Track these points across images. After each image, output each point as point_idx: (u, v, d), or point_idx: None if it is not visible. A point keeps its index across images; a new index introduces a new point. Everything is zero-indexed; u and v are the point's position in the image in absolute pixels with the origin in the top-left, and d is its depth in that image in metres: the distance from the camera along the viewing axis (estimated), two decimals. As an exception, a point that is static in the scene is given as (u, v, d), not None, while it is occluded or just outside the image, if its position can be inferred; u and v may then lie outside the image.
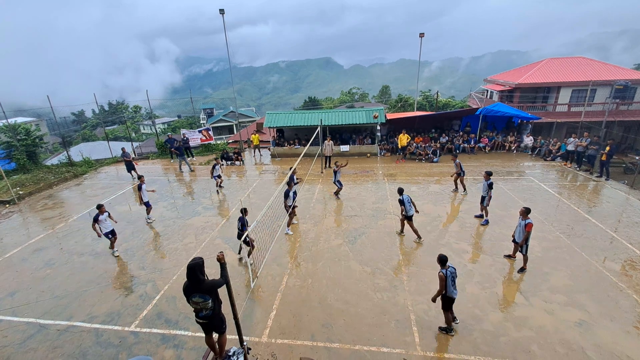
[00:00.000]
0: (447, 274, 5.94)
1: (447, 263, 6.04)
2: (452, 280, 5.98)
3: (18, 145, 19.01)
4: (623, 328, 6.21)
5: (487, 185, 10.07)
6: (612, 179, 14.05)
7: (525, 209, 7.81)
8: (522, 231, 7.73)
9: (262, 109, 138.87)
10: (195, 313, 5.21)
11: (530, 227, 7.57)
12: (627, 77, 25.63)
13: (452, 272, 6.01)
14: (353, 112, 20.69)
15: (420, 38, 26.03)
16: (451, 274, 5.99)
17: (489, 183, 10.03)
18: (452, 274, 6.01)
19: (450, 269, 6.02)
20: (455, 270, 6.16)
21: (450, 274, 5.98)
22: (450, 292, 6.00)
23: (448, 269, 6.00)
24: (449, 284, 5.94)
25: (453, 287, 6.02)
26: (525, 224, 7.65)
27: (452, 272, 6.02)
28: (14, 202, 14.41)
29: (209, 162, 19.99)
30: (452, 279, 5.99)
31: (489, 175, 10.16)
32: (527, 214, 7.75)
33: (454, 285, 6.03)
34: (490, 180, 10.08)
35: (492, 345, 5.95)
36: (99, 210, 9.27)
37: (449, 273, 5.96)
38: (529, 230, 7.58)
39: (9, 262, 9.67)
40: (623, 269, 7.97)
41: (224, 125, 52.41)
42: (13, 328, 7.00)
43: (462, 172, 12.55)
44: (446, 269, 5.98)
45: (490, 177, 10.15)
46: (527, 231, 7.60)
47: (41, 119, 45.09)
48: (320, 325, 6.61)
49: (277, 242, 9.82)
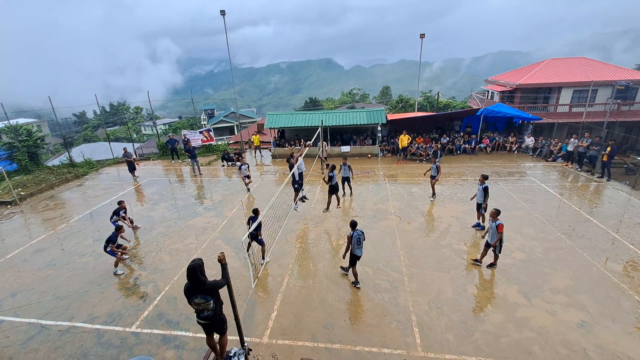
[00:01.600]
0: (354, 235, 7.24)
1: (356, 227, 7.31)
2: (357, 242, 7.29)
3: (20, 146, 19.06)
4: (625, 329, 6.19)
5: (482, 189, 9.69)
6: (614, 180, 14.02)
7: (495, 210, 7.85)
8: (495, 233, 7.74)
9: (263, 110, 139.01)
10: (197, 314, 5.22)
11: (502, 228, 7.61)
12: (629, 77, 25.57)
13: (358, 235, 7.29)
14: (354, 113, 20.70)
15: (421, 39, 26.03)
16: (357, 236, 7.26)
17: (484, 187, 9.64)
18: (358, 237, 7.29)
19: (357, 232, 7.28)
20: (363, 234, 7.40)
21: (357, 236, 7.26)
22: (355, 250, 7.36)
23: (356, 231, 7.27)
24: (354, 243, 7.27)
25: (358, 247, 7.35)
26: (496, 225, 7.66)
27: (359, 235, 7.30)
28: (15, 203, 14.45)
29: (210, 163, 20.03)
30: (357, 240, 7.28)
31: (485, 179, 9.81)
32: (497, 216, 7.77)
33: (359, 247, 7.35)
34: (485, 184, 9.68)
35: (493, 346, 5.94)
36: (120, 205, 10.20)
37: (355, 235, 7.25)
38: (501, 231, 7.62)
39: (10, 262, 9.69)
40: (625, 270, 7.95)
41: (225, 126, 52.52)
42: (15, 328, 7.01)
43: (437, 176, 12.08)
44: (354, 232, 7.26)
45: (485, 180, 9.79)
46: (499, 232, 7.64)
47: (42, 120, 45.22)
48: (321, 326, 6.60)
49: (278, 243, 9.82)
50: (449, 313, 6.77)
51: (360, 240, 7.34)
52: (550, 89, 28.25)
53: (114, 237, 8.90)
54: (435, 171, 12.05)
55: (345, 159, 12.94)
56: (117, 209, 10.62)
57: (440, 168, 12.17)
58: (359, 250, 7.42)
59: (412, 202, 12.42)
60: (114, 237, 8.89)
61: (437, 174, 12.05)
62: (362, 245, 7.41)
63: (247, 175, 14.20)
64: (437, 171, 12.02)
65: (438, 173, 12.04)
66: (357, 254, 7.43)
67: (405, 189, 13.81)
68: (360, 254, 7.47)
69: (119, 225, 9.26)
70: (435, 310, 6.87)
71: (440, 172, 12.10)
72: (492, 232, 7.84)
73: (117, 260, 8.85)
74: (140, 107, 74.02)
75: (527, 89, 28.12)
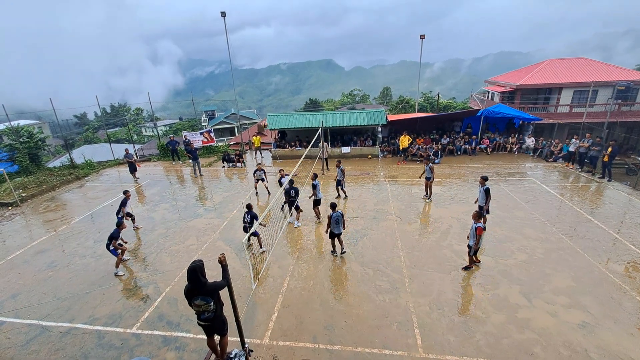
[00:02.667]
0: (333, 216, 8.49)
1: (335, 209, 8.59)
2: (335, 222, 8.52)
3: (21, 147, 19.11)
4: (627, 330, 6.17)
5: (483, 191, 9.58)
6: (615, 180, 13.99)
7: (477, 212, 7.86)
8: (473, 236, 7.69)
9: (264, 111, 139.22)
10: (197, 315, 5.21)
11: (480, 231, 7.56)
12: (629, 77, 25.55)
13: (337, 216, 8.50)
14: (354, 114, 20.71)
15: (421, 40, 26.06)
16: (336, 217, 8.49)
17: (485, 189, 9.55)
18: (337, 217, 8.50)
19: (337, 213, 8.51)
20: (342, 215, 8.67)
21: (336, 216, 8.48)
22: (334, 228, 8.63)
23: (335, 212, 8.50)
24: (332, 222, 8.53)
25: (336, 226, 8.60)
26: (475, 227, 7.62)
27: (337, 216, 8.51)
28: (16, 205, 14.47)
29: (211, 165, 20.04)
30: (336, 220, 8.51)
31: (485, 181, 9.67)
32: (479, 218, 7.72)
33: (337, 225, 8.59)
34: (486, 186, 9.60)
35: (494, 348, 5.93)
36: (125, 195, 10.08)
37: (334, 215, 8.48)
38: (479, 234, 7.57)
39: (11, 264, 9.70)
40: (626, 271, 7.93)
41: (226, 127, 52.63)
42: (16, 330, 7.02)
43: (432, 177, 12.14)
44: (334, 213, 8.50)
45: (486, 182, 9.66)
46: (477, 235, 7.58)
47: (43, 122, 45.31)
48: (321, 327, 6.59)
49: (278, 244, 9.82)
50: (450, 314, 6.76)
51: (338, 220, 8.56)
52: (550, 89, 28.24)
53: (116, 233, 8.79)
54: (430, 172, 12.05)
55: (339, 162, 12.93)
56: (124, 199, 10.71)
57: (434, 169, 12.21)
58: (337, 228, 8.66)
59: (413, 203, 12.41)
60: (116, 233, 8.79)
61: (431, 175, 12.07)
62: (340, 224, 8.64)
63: (262, 178, 13.66)
64: (431, 172, 12.03)
65: (432, 174, 12.07)
66: (335, 231, 8.69)
67: (406, 190, 13.80)
68: (338, 231, 8.70)
69: (120, 221, 9.18)
70: (436, 311, 6.86)
71: (434, 172, 12.14)
72: (472, 234, 7.77)
73: (118, 261, 8.83)
74: (141, 109, 74.16)
75: (528, 89, 28.12)
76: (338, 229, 8.64)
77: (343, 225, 8.80)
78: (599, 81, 24.92)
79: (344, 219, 8.77)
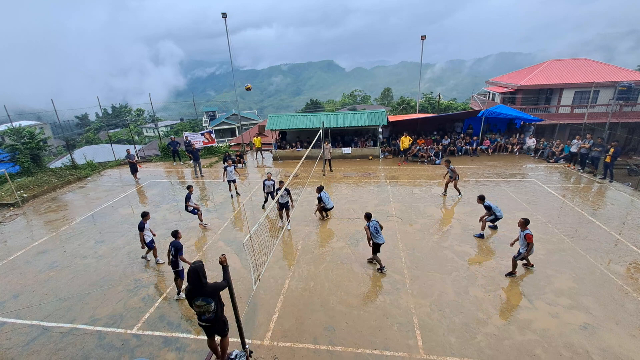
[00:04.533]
0: (371, 226, 7.80)
1: (371, 218, 7.94)
2: (375, 230, 7.83)
3: (22, 148, 19.15)
4: (629, 331, 6.15)
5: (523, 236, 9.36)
6: (616, 181, 13.95)
7: (524, 219, 7.65)
8: (524, 243, 7.58)
9: (264, 112, 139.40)
10: (198, 316, 5.21)
11: (530, 238, 7.42)
12: (631, 78, 25.51)
13: (374, 225, 7.85)
14: (355, 115, 20.71)
15: (422, 40, 26.06)
16: (373, 226, 7.83)
17: (485, 206, 9.67)
18: (375, 226, 7.85)
19: (372, 222, 7.86)
20: (378, 223, 7.97)
21: (373, 226, 7.81)
22: (376, 239, 7.89)
23: (371, 222, 7.85)
24: (372, 233, 7.82)
25: (378, 236, 7.87)
26: (524, 234, 7.52)
27: (375, 225, 7.86)
28: (18, 205, 14.51)
29: (212, 165, 20.06)
30: (375, 229, 7.83)
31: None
32: (526, 225, 7.59)
33: (377, 234, 7.87)
34: (485, 203, 9.70)
35: (496, 349, 5.91)
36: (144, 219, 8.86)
37: (371, 225, 7.81)
38: (530, 241, 7.42)
39: (13, 264, 9.72)
40: (628, 272, 7.90)
41: (227, 128, 52.71)
42: (16, 330, 7.03)
43: (456, 177, 12.41)
44: (369, 222, 7.84)
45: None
46: (528, 242, 7.44)
47: (44, 123, 45.45)
48: (322, 328, 6.58)
49: (279, 245, 9.82)
50: (451, 315, 6.74)
51: (377, 229, 7.90)
52: (551, 90, 28.20)
53: (188, 195, 10.76)
54: (452, 172, 12.31)
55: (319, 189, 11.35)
56: (188, 194, 10.96)
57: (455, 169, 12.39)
58: (380, 238, 7.93)
59: (414, 203, 12.39)
60: (189, 195, 10.77)
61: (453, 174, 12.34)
62: (380, 233, 7.95)
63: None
64: (454, 172, 12.31)
65: (455, 173, 12.33)
66: (378, 241, 7.94)
67: (407, 191, 13.78)
68: (381, 241, 7.98)
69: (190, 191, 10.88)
70: (437, 312, 6.84)
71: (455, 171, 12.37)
72: (521, 241, 7.68)
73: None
74: (142, 109, 74.39)
75: (529, 90, 28.08)
76: (381, 238, 8.01)
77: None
78: (600, 82, 24.89)
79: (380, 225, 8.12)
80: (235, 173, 13.87)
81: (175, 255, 7.32)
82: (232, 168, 13.73)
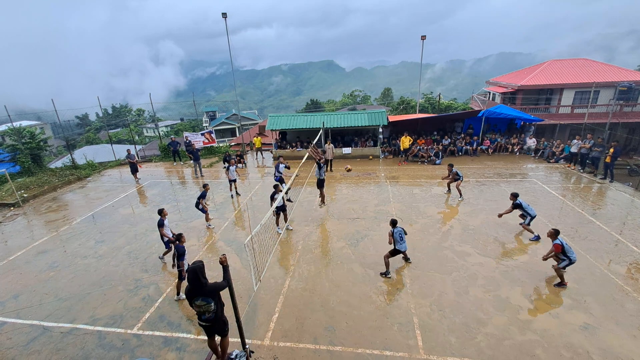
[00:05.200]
0: (395, 232, 7.84)
1: (396, 225, 7.91)
2: (399, 237, 7.84)
3: (23, 148, 19.17)
4: (629, 332, 6.14)
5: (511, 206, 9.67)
6: (617, 181, 13.94)
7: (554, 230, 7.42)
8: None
9: (265, 112, 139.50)
10: (198, 316, 5.22)
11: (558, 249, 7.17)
12: (631, 78, 25.51)
13: (399, 232, 7.87)
14: (355, 115, 20.71)
15: (422, 40, 26.05)
16: (398, 233, 7.85)
17: (514, 204, 9.58)
18: (400, 233, 7.87)
19: (397, 229, 7.85)
20: (403, 230, 7.98)
21: (398, 232, 7.84)
22: (399, 245, 7.89)
23: (396, 229, 7.84)
24: (396, 239, 7.85)
25: (401, 242, 7.87)
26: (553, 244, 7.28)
27: (400, 232, 7.88)
28: (18, 205, 14.52)
29: (212, 165, 20.07)
30: (399, 236, 7.84)
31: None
32: (556, 236, 7.33)
33: (402, 241, 7.87)
34: (517, 201, 9.54)
35: (496, 349, 5.91)
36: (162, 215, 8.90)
37: (396, 232, 7.85)
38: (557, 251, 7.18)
39: (13, 264, 9.72)
40: (628, 272, 7.90)
41: (227, 128, 52.73)
42: (17, 330, 7.03)
43: (460, 177, 12.41)
44: (394, 229, 7.86)
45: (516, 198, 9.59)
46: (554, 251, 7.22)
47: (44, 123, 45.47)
48: (322, 328, 6.58)
49: (279, 245, 9.82)
50: (451, 315, 6.74)
51: (402, 235, 7.91)
52: (552, 90, 28.20)
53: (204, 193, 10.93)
54: (457, 174, 12.31)
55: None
56: (204, 192, 11.11)
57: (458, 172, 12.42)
58: (403, 245, 7.93)
59: (414, 203, 12.39)
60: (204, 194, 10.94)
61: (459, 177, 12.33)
62: (404, 240, 7.94)
63: (234, 179, 13.81)
64: (459, 175, 12.31)
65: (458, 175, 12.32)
66: (400, 248, 7.95)
67: (407, 191, 13.78)
68: (403, 248, 7.98)
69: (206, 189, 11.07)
70: (437, 312, 6.84)
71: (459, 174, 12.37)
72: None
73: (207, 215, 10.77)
74: (142, 109, 74.43)
75: (529, 90, 28.07)
76: (404, 245, 7.98)
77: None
78: (600, 82, 24.88)
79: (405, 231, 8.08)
80: (236, 173, 14.01)
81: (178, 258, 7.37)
82: (234, 167, 13.93)
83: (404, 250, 8.03)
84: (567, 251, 7.17)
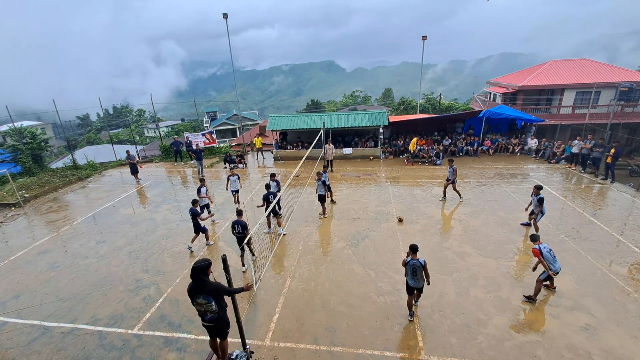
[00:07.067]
0: (408, 263, 6.32)
1: (416, 253, 6.30)
2: (412, 272, 6.32)
3: (24, 148, 19.21)
4: (630, 333, 6.13)
5: (536, 200, 9.40)
6: (618, 182, 13.91)
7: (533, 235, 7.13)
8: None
9: (265, 112, 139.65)
10: (201, 316, 5.22)
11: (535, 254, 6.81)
12: (632, 79, 25.46)
13: (414, 264, 6.26)
14: (356, 115, 20.72)
15: (423, 41, 26.05)
16: (412, 265, 6.27)
17: (539, 198, 9.30)
18: (414, 266, 6.26)
19: (417, 260, 6.25)
20: (422, 265, 6.27)
21: (412, 265, 6.27)
22: (410, 280, 6.42)
23: (415, 260, 6.27)
24: (407, 271, 6.39)
25: (412, 279, 6.38)
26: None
27: (414, 265, 6.25)
28: (19, 205, 14.54)
29: (212, 165, 20.08)
30: (412, 270, 6.30)
31: (539, 190, 9.33)
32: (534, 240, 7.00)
33: (414, 278, 6.35)
34: (540, 195, 9.33)
35: (497, 350, 5.89)
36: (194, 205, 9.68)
37: (411, 263, 6.29)
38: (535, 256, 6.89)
39: (14, 264, 9.74)
40: (630, 273, 7.88)
41: (227, 128, 52.78)
42: (18, 330, 7.04)
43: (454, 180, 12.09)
44: (410, 259, 6.32)
45: (540, 191, 9.38)
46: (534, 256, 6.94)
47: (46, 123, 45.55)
48: (323, 328, 6.58)
49: (280, 245, 9.82)
50: (452, 316, 6.73)
51: (415, 271, 6.28)
52: (552, 90, 28.16)
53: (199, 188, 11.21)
54: (452, 174, 11.97)
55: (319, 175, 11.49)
56: (199, 187, 11.33)
57: (457, 171, 12.12)
58: (412, 281, 6.40)
59: (414, 204, 12.38)
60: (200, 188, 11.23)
61: (453, 177, 11.99)
62: (417, 276, 6.31)
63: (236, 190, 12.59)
64: (453, 174, 11.95)
65: (454, 175, 11.97)
66: (409, 283, 6.46)
67: (408, 191, 13.78)
68: (412, 284, 6.42)
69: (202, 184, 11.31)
70: (438, 313, 6.83)
71: (456, 174, 12.04)
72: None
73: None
74: (143, 110, 74.50)
75: (530, 90, 28.04)
76: (412, 281, 6.40)
77: (426, 278, 6.39)
78: (601, 82, 24.84)
79: (427, 272, 6.34)
80: (239, 183, 12.62)
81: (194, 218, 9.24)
82: (236, 178, 12.52)
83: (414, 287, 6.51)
84: (546, 259, 6.66)
